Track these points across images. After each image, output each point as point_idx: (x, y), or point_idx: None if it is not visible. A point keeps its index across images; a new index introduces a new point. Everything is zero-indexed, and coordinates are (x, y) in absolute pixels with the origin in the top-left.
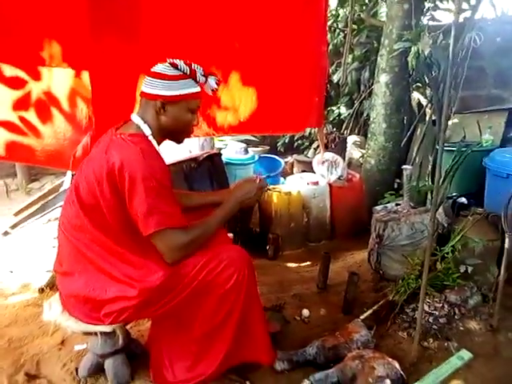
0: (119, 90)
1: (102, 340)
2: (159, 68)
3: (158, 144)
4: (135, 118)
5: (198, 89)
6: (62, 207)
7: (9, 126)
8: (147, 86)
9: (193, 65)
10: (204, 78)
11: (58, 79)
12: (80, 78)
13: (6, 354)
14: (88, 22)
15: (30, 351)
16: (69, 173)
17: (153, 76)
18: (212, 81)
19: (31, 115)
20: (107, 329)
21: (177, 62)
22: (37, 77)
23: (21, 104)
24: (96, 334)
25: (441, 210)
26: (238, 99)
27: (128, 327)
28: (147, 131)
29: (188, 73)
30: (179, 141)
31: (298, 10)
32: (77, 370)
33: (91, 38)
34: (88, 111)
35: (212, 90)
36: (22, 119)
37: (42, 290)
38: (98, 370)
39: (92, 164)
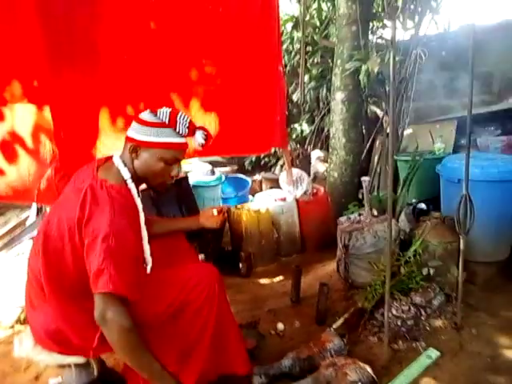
0: (80, 122)
1: (76, 372)
2: (143, 113)
3: (137, 186)
4: (116, 159)
5: (176, 139)
6: (32, 244)
7: None
8: (130, 129)
9: (179, 115)
10: (187, 131)
11: (21, 117)
12: (42, 114)
13: None
14: (46, 57)
15: None
16: (34, 205)
17: (136, 120)
18: (199, 136)
19: None
20: (81, 360)
21: (161, 109)
22: (0, 118)
23: None
24: (70, 366)
25: (403, 216)
26: (202, 125)
27: (103, 356)
28: (126, 175)
29: (167, 122)
30: (154, 189)
31: (253, 34)
32: None
33: (50, 72)
34: (51, 145)
35: (201, 145)
36: None
37: (12, 327)
38: None
39: (67, 206)
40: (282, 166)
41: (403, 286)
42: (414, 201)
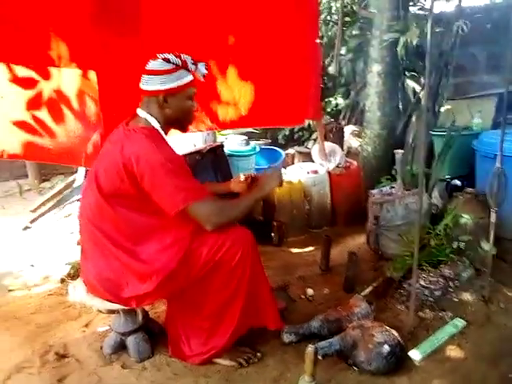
0: (124, 87)
1: (123, 319)
2: (153, 65)
3: (166, 134)
4: (141, 112)
5: (191, 77)
6: (81, 198)
7: (24, 126)
8: (146, 83)
9: (182, 55)
10: (194, 66)
11: (67, 78)
12: (87, 78)
13: (36, 337)
14: (92, 22)
15: (57, 334)
16: (81, 169)
17: (149, 73)
18: (201, 67)
19: (44, 114)
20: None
21: (167, 56)
22: (47, 76)
23: (33, 103)
24: (118, 312)
25: (436, 192)
26: (238, 93)
27: (147, 308)
28: (155, 124)
29: (180, 64)
30: (184, 128)
31: (292, 3)
32: (101, 348)
33: (96, 37)
34: (96, 109)
35: (203, 76)
36: (35, 119)
37: (63, 280)
38: (120, 347)
39: (109, 158)
40: (315, 141)
41: (432, 258)
42: (448, 177)
